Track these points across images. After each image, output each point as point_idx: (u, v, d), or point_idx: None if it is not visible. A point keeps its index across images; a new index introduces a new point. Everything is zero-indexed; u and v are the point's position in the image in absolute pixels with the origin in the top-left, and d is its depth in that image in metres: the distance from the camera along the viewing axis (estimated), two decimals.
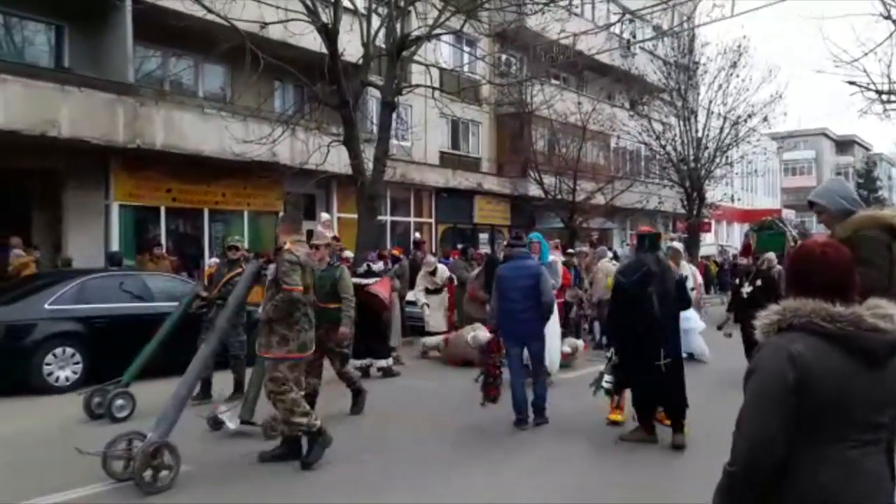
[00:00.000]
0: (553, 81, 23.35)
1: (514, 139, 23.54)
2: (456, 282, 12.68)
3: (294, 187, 16.89)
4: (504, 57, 21.59)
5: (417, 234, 17.26)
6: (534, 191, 22.90)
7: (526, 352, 7.19)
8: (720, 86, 24.76)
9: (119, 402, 7.37)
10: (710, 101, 25.11)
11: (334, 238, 12.78)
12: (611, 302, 6.44)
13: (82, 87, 12.74)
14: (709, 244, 33.01)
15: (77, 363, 9.00)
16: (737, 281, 10.26)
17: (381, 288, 9.70)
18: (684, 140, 25.02)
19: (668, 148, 25.06)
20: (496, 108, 23.20)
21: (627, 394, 6.74)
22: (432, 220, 21.84)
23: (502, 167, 24.33)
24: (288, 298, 5.51)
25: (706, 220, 30.18)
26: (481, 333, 9.80)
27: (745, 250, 10.40)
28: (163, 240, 14.68)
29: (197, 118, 14.49)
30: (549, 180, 22.24)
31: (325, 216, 12.83)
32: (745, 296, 9.31)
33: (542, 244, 8.78)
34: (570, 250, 14.57)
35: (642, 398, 6.34)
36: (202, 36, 12.80)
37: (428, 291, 12.14)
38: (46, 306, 8.98)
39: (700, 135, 25.29)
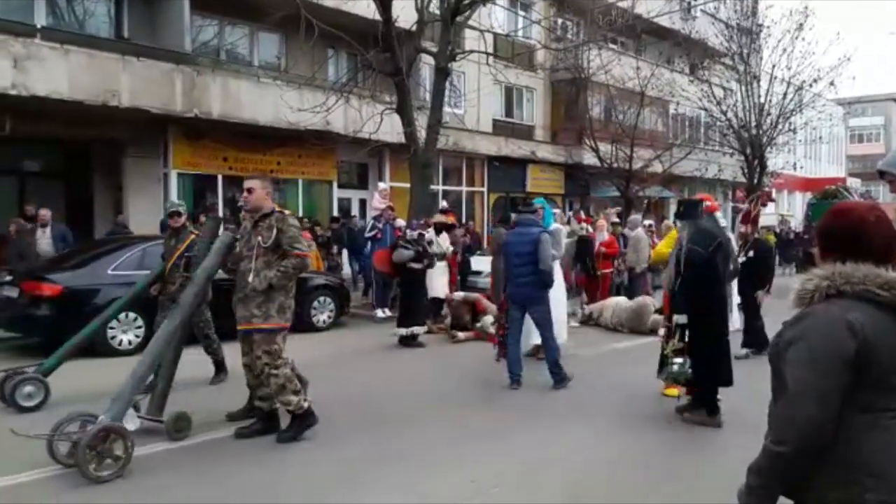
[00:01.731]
0: (611, 46, 22.73)
1: (570, 106, 23.11)
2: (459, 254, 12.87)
3: (347, 156, 16.95)
4: (560, 21, 21.08)
5: (444, 203, 17.04)
6: (589, 159, 22.50)
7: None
8: (784, 49, 23.75)
9: (27, 388, 6.38)
10: (774, 66, 24.10)
11: (389, 208, 12.82)
12: (684, 274, 5.89)
13: (141, 57, 12.95)
14: (769, 214, 31.98)
15: (139, 327, 9.23)
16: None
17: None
18: (746, 106, 24.15)
19: (729, 114, 24.24)
20: (551, 73, 22.77)
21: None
22: (484, 189, 21.69)
23: (557, 135, 23.93)
24: (301, 265, 5.32)
25: (767, 189, 29.24)
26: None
27: (745, 217, 9.92)
28: (220, 207, 14.93)
29: (252, 87, 14.61)
30: (605, 148, 21.80)
31: (382, 185, 12.81)
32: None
33: (545, 209, 8.52)
34: (615, 220, 14.23)
35: (711, 375, 5.93)
36: (257, 4, 12.86)
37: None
38: (109, 272, 9.21)
39: (762, 100, 24.35)
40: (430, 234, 11.02)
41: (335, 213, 16.47)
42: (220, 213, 14.39)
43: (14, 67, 11.44)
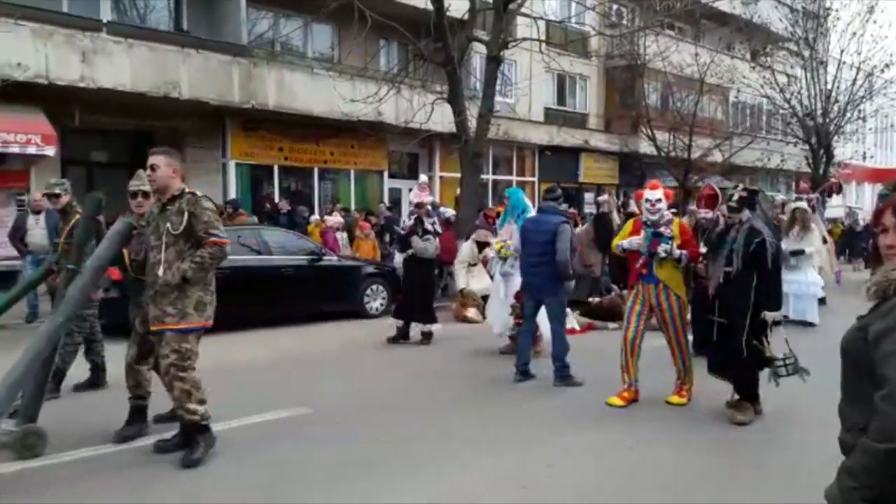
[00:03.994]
0: (668, 32, 22.28)
1: (625, 93, 22.75)
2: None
3: (398, 146, 17.11)
4: (615, 6, 20.76)
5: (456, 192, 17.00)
6: (645, 148, 22.13)
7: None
8: (854, 33, 22.86)
9: None
10: (842, 51, 23.23)
11: (417, 206, 12.42)
12: (771, 268, 5.56)
13: (200, 49, 13.36)
14: (835, 206, 30.89)
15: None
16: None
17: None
18: (811, 93, 23.35)
19: (793, 101, 23.48)
20: (606, 60, 22.44)
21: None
22: (535, 179, 21.55)
23: (611, 123, 23.61)
24: (219, 254, 4.56)
25: (834, 180, 28.22)
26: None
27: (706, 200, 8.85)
28: (276, 197, 15.28)
29: (307, 78, 14.89)
30: (661, 136, 21.40)
31: (422, 177, 12.72)
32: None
33: (511, 198, 8.24)
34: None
35: (757, 363, 5.80)
36: None
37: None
38: None
39: (829, 87, 23.50)
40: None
41: (386, 202, 16.67)
42: (277, 202, 14.73)
43: (82, 61, 11.96)
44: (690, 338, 6.51)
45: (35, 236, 9.69)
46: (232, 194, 14.86)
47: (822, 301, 11.18)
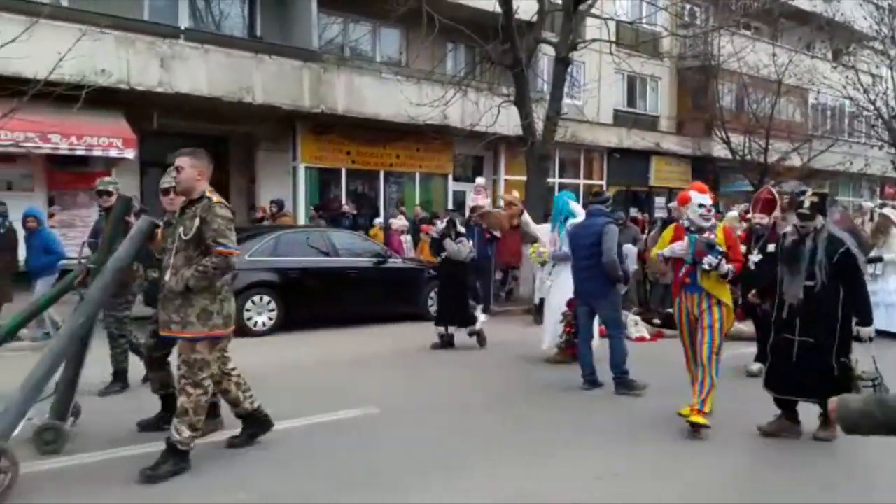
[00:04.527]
0: (744, 31, 21.57)
1: (698, 95, 22.16)
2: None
3: (463, 149, 17.10)
4: (689, 6, 20.23)
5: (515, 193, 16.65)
6: (719, 151, 21.47)
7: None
8: None
9: None
10: None
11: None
12: (858, 280, 5.22)
13: (273, 55, 13.66)
14: None
15: (272, 310, 9.77)
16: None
17: None
18: None
19: (878, 103, 22.32)
20: (678, 61, 21.89)
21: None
22: (603, 182, 21.18)
23: (683, 125, 23.03)
24: (224, 265, 4.39)
25: None
26: None
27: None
28: (343, 199, 15.49)
29: (375, 82, 15.06)
30: (736, 139, 20.70)
31: (479, 180, 12.52)
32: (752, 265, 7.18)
33: (556, 203, 8.06)
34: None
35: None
36: (379, 1, 13.20)
37: None
38: (247, 257, 9.79)
39: None
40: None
41: (450, 205, 16.70)
42: (344, 205, 14.92)
43: (161, 67, 12.40)
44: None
45: None
46: (301, 196, 15.16)
47: None
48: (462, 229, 9.30)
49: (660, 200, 21.89)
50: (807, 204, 5.23)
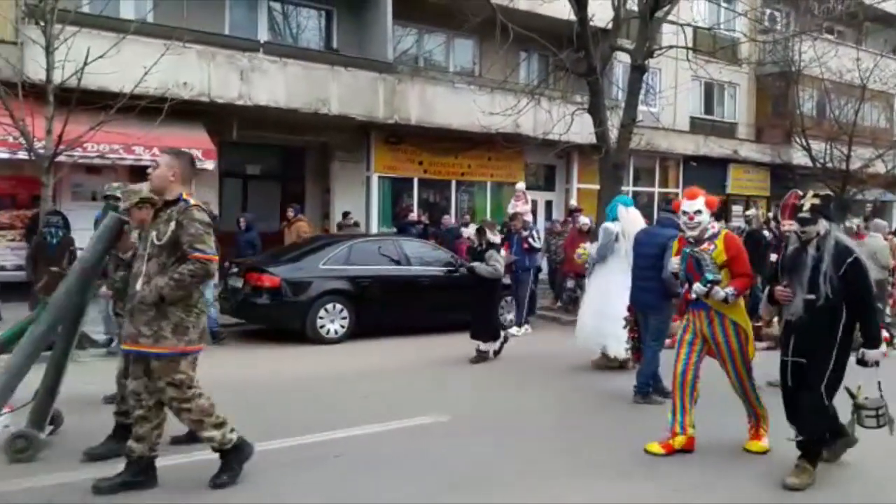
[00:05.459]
0: (826, 36, 20.78)
1: (778, 101, 21.47)
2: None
3: (535, 158, 16.97)
4: (769, 11, 19.62)
5: (574, 202, 16.29)
6: (799, 158, 20.71)
7: None
8: None
9: None
10: None
11: (514, 216, 11.84)
12: (871, 295, 4.61)
13: (349, 67, 13.88)
14: None
15: (344, 318, 9.85)
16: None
17: None
18: None
19: None
20: (757, 67, 21.25)
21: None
22: (679, 190, 20.68)
23: (762, 132, 22.33)
24: (203, 272, 4.06)
25: None
26: None
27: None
28: (415, 208, 15.57)
29: (448, 92, 15.10)
30: (817, 146, 19.93)
31: (520, 185, 12.18)
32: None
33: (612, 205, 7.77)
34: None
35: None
36: (454, 11, 13.24)
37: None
38: (321, 266, 9.94)
39: None
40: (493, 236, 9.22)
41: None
42: (415, 215, 14.98)
43: (241, 79, 12.72)
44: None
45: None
46: (374, 205, 15.30)
47: None
48: (495, 238, 8.95)
49: (737, 209, 21.25)
50: (806, 206, 4.59)
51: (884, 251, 11.63)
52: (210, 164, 12.55)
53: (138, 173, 12.62)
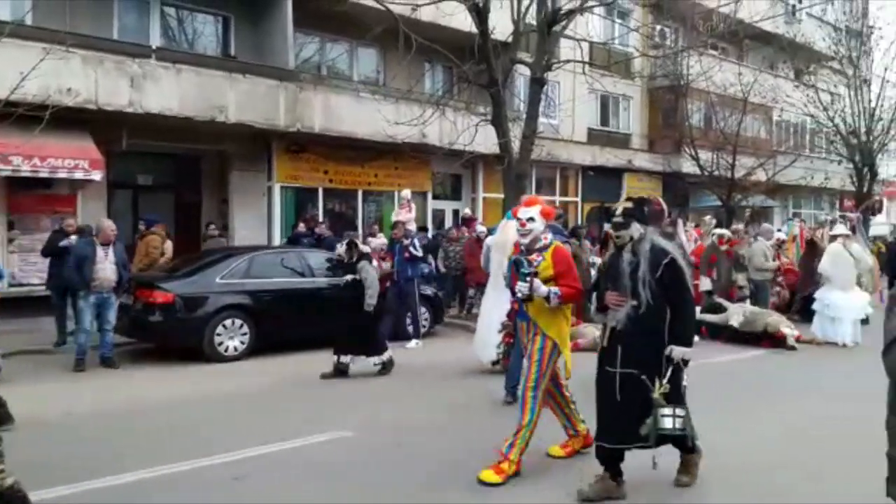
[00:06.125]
0: (711, 52, 22.03)
1: (668, 113, 22.57)
2: None
3: (442, 167, 17.03)
4: (658, 27, 20.58)
5: (468, 211, 16.71)
6: (688, 167, 21.83)
7: None
8: None
9: None
10: (886, 68, 22.74)
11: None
12: (689, 295, 4.55)
13: (247, 74, 13.45)
14: (880, 223, 30.18)
15: (245, 334, 9.50)
16: None
17: None
18: (855, 111, 22.93)
19: (837, 120, 23.06)
20: (649, 81, 22.27)
21: None
22: (578, 199, 21.36)
23: (654, 143, 23.38)
24: None
25: (877, 198, 27.62)
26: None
27: None
28: (320, 219, 15.26)
29: (352, 101, 14.92)
30: (705, 156, 21.08)
31: (405, 193, 11.98)
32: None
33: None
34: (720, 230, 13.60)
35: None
36: (357, 20, 13.16)
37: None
38: (218, 280, 9.55)
39: (873, 105, 23.07)
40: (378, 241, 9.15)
41: (429, 224, 16.58)
42: (322, 225, 14.68)
43: (131, 86, 12.10)
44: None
45: (105, 271, 8.74)
46: (276, 216, 14.89)
47: (864, 321, 11.02)
48: (366, 248, 8.70)
49: None
50: (619, 211, 4.47)
51: (759, 255, 12.39)
52: (97, 175, 11.89)
53: (19, 184, 11.84)
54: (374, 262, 9.15)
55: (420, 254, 10.95)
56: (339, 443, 5.65)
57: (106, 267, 8.78)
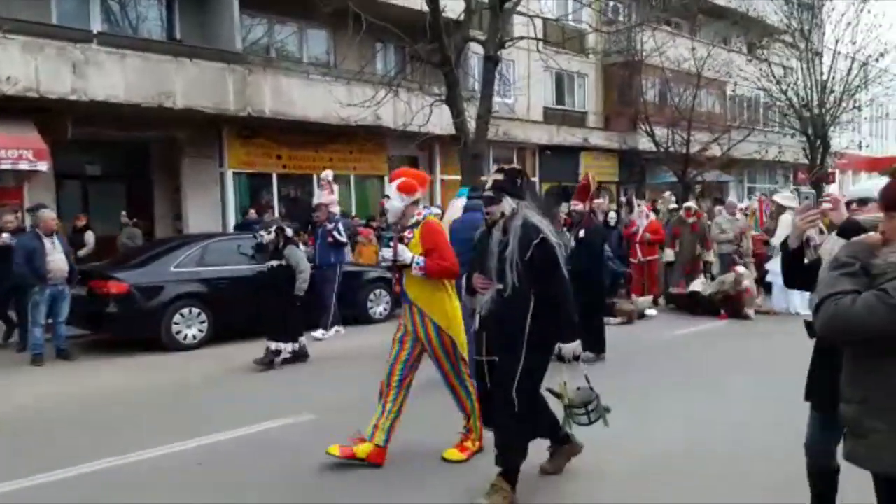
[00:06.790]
0: (664, 27, 22.17)
1: (623, 90, 22.69)
2: None
3: (397, 150, 16.92)
4: (612, 3, 20.65)
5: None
6: (644, 144, 22.03)
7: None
8: (848, 23, 22.75)
9: None
10: (837, 41, 23.12)
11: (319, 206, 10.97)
12: (564, 281, 4.02)
13: (193, 58, 13.16)
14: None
15: (203, 322, 9.34)
16: None
17: None
18: (807, 84, 23.23)
19: (790, 93, 23.36)
20: (603, 58, 22.34)
21: None
22: (536, 179, 21.40)
23: (610, 121, 23.52)
24: None
25: (830, 171, 28.17)
26: None
27: (581, 193, 8.03)
28: (275, 205, 15.07)
29: (303, 84, 14.70)
30: (660, 132, 21.28)
31: (326, 174, 11.57)
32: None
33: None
34: (673, 206, 13.80)
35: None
36: (305, 0, 12.88)
37: None
38: (172, 269, 9.36)
39: (825, 77, 23.40)
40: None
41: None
42: (276, 211, 14.50)
43: (73, 73, 11.74)
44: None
45: (56, 262, 8.42)
46: (230, 203, 14.65)
47: None
48: (290, 232, 8.19)
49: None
50: (489, 184, 4.02)
51: (714, 228, 12.60)
52: (43, 166, 11.56)
53: None
54: (301, 247, 8.70)
55: (344, 239, 10.38)
56: (301, 426, 5.61)
57: (56, 258, 8.49)
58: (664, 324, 10.45)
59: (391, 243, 4.45)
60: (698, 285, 11.22)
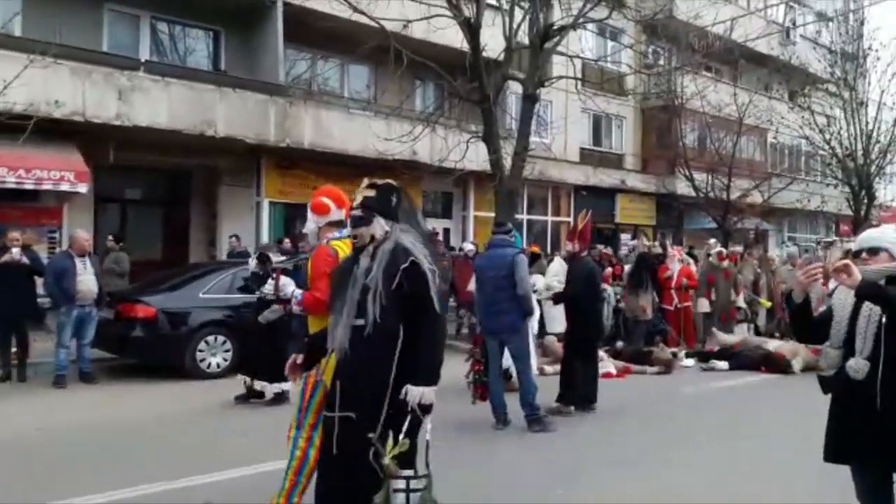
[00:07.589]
0: (705, 72, 22.05)
1: (662, 134, 22.50)
2: None
3: (432, 185, 16.92)
4: (652, 47, 20.62)
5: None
6: (682, 188, 21.71)
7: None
8: (894, 74, 22.34)
9: None
10: (883, 91, 22.71)
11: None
12: (433, 315, 3.20)
13: (237, 88, 13.39)
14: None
15: (227, 350, 9.30)
16: None
17: None
18: (851, 133, 22.77)
19: (833, 142, 22.92)
20: (642, 100, 22.24)
21: None
22: (570, 219, 21.20)
23: (648, 163, 23.29)
24: None
25: (874, 223, 27.44)
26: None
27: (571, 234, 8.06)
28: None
29: (342, 117, 14.85)
30: (699, 177, 20.97)
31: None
32: None
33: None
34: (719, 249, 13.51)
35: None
36: (348, 36, 13.09)
37: None
38: (201, 295, 9.38)
39: (870, 127, 22.94)
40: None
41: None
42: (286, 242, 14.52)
43: (119, 99, 12.01)
44: None
45: (86, 283, 8.43)
46: (265, 232, 14.75)
47: None
48: (276, 260, 7.63)
49: (625, 237, 21.99)
50: (357, 201, 3.35)
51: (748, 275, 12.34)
52: (83, 188, 11.75)
53: (4, 195, 11.67)
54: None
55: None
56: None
57: (87, 279, 8.55)
58: (700, 374, 10.12)
59: (274, 275, 4.11)
60: (737, 336, 10.87)
